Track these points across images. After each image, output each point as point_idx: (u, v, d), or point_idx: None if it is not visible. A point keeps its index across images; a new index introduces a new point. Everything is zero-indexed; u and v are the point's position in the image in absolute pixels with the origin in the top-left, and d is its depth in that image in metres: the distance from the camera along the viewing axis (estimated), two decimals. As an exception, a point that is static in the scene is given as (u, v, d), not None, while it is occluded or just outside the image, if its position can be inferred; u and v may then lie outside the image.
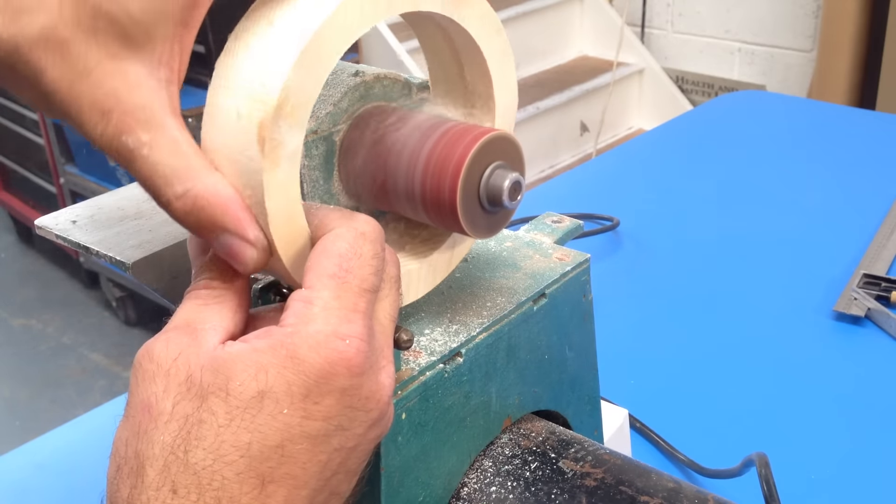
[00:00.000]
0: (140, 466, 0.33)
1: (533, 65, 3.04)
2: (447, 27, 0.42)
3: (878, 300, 0.93)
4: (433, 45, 0.45)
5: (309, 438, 0.33)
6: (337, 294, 0.35)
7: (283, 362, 0.33)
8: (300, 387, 0.33)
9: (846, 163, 1.31)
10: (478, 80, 0.44)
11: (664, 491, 0.46)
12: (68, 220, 0.46)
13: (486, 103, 0.45)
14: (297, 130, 0.36)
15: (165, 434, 0.33)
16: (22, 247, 3.13)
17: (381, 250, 0.37)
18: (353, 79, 0.43)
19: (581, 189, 1.31)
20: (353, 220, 0.37)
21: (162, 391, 0.34)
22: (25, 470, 0.80)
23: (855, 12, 2.42)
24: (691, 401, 0.83)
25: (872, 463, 0.75)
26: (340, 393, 0.34)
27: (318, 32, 0.35)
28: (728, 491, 0.53)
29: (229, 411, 0.33)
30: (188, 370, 0.34)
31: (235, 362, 0.33)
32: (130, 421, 0.34)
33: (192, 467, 0.32)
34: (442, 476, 0.46)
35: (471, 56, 0.43)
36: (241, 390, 0.33)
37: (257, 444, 0.33)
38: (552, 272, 0.51)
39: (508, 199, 0.41)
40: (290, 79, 0.35)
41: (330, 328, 0.34)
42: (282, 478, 0.33)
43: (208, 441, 0.32)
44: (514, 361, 0.49)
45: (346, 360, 0.34)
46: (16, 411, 2.35)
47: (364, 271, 0.35)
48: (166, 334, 0.35)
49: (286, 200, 0.36)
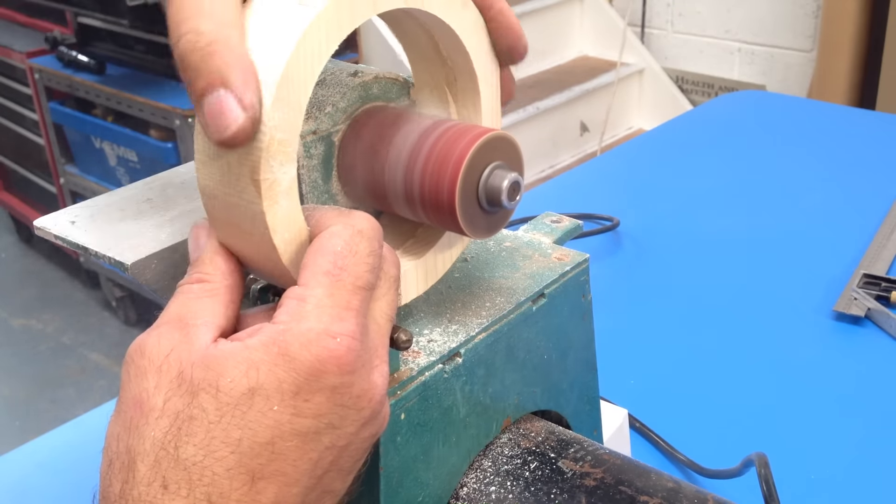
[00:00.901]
0: (131, 462, 0.33)
1: (533, 65, 3.04)
2: (419, 18, 0.42)
3: (878, 300, 0.93)
4: (415, 42, 0.44)
5: (299, 436, 0.34)
6: (330, 292, 0.34)
7: (274, 359, 0.33)
8: (291, 384, 0.33)
9: (846, 163, 1.31)
10: (456, 56, 0.44)
11: (664, 491, 0.46)
12: (67, 220, 0.46)
13: (469, 79, 0.44)
14: (290, 164, 0.36)
15: (156, 430, 0.33)
16: (22, 247, 3.13)
17: (378, 248, 0.37)
18: (351, 79, 0.43)
19: (581, 189, 1.31)
20: (350, 217, 0.37)
21: (153, 387, 0.34)
22: (25, 470, 0.80)
23: (855, 12, 2.41)
24: (691, 401, 0.83)
25: (873, 463, 0.75)
26: (331, 391, 0.34)
27: (286, 69, 0.34)
28: (728, 491, 0.53)
29: (219, 408, 0.33)
30: (179, 366, 0.34)
31: (227, 359, 0.33)
32: (122, 416, 0.34)
33: (182, 463, 0.32)
34: (441, 476, 0.46)
35: (447, 39, 0.43)
36: (232, 387, 0.33)
37: (247, 440, 0.33)
38: (551, 272, 0.51)
39: (507, 199, 0.41)
40: (271, 118, 0.34)
41: (321, 326, 0.34)
42: (272, 474, 0.33)
43: (198, 437, 0.33)
44: (514, 361, 0.49)
45: (336, 357, 0.34)
46: (16, 411, 2.35)
47: (359, 269, 0.35)
48: (158, 329, 0.35)
49: (287, 199, 0.36)
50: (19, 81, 2.70)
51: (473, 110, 0.45)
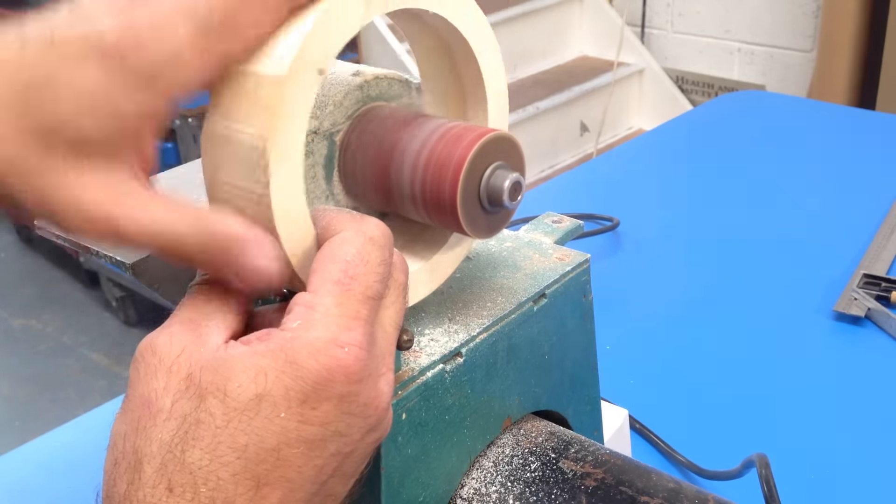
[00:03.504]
0: (138, 462, 0.33)
1: (533, 65, 3.04)
2: (425, 18, 0.42)
3: (878, 300, 0.93)
4: (421, 42, 0.44)
5: (305, 443, 0.34)
6: (339, 301, 0.34)
7: (281, 367, 0.33)
8: (298, 392, 0.33)
9: (846, 163, 1.31)
10: (463, 57, 0.44)
11: (664, 491, 0.46)
12: (68, 220, 0.46)
13: (476, 79, 0.44)
14: (294, 164, 0.36)
15: (164, 432, 0.33)
16: (22, 247, 3.13)
17: (389, 256, 0.37)
18: (353, 79, 0.43)
19: (581, 189, 1.31)
20: (363, 224, 0.37)
21: (162, 388, 0.34)
22: (25, 470, 0.80)
23: (855, 12, 2.42)
24: (691, 401, 0.83)
25: (873, 463, 0.75)
26: (338, 399, 0.34)
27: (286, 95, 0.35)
28: (728, 493, 0.53)
29: (227, 413, 0.33)
30: (189, 368, 0.34)
31: (235, 364, 0.33)
32: (129, 415, 0.34)
33: (188, 467, 0.32)
34: (442, 476, 0.46)
35: (454, 39, 0.43)
36: (240, 392, 0.33)
37: (253, 446, 0.33)
38: (552, 272, 0.51)
39: (509, 199, 0.41)
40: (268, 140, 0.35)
41: (329, 335, 0.34)
42: (277, 480, 0.33)
43: (205, 441, 0.33)
44: (515, 361, 0.49)
45: (343, 367, 0.34)
46: (16, 411, 2.35)
47: (369, 279, 0.35)
48: (170, 328, 0.35)
49: (293, 203, 0.36)
50: (19, 81, 2.69)
51: (480, 111, 0.45)
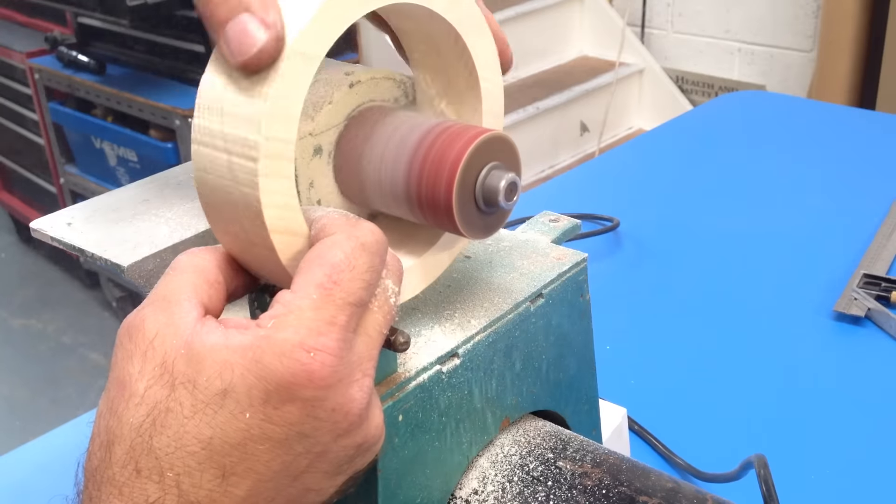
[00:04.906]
0: (109, 442, 0.34)
1: (533, 65, 3.03)
2: (420, 17, 0.41)
3: (878, 300, 0.93)
4: (415, 43, 0.44)
5: (270, 440, 0.34)
6: (317, 304, 0.34)
7: (248, 364, 0.34)
8: (260, 391, 0.33)
9: (846, 163, 1.31)
10: (457, 56, 0.43)
11: (663, 491, 0.46)
12: (64, 222, 0.46)
13: (471, 79, 0.44)
14: (287, 163, 0.36)
15: (135, 416, 0.34)
16: (22, 247, 3.13)
17: (379, 263, 0.36)
18: (347, 78, 0.43)
19: (581, 189, 1.31)
20: (357, 228, 0.36)
21: (137, 372, 0.34)
22: (25, 470, 0.80)
23: (855, 12, 2.41)
24: (690, 401, 0.83)
25: (873, 463, 0.75)
26: (302, 402, 0.34)
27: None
28: (727, 494, 0.53)
29: (194, 404, 0.34)
30: (164, 356, 0.34)
31: (207, 356, 0.34)
32: (107, 395, 0.35)
33: (154, 451, 0.33)
34: (439, 477, 0.46)
35: (448, 39, 0.43)
36: (207, 385, 0.34)
37: (218, 439, 0.33)
38: (549, 272, 0.51)
39: (504, 199, 0.41)
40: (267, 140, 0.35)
41: (298, 338, 0.34)
42: (244, 472, 0.34)
43: (172, 430, 0.33)
44: (512, 362, 0.49)
45: (307, 372, 0.34)
46: (16, 411, 2.35)
47: (353, 285, 0.35)
48: (144, 310, 0.36)
49: (285, 201, 0.36)
50: (19, 81, 2.70)
51: (474, 111, 0.45)
